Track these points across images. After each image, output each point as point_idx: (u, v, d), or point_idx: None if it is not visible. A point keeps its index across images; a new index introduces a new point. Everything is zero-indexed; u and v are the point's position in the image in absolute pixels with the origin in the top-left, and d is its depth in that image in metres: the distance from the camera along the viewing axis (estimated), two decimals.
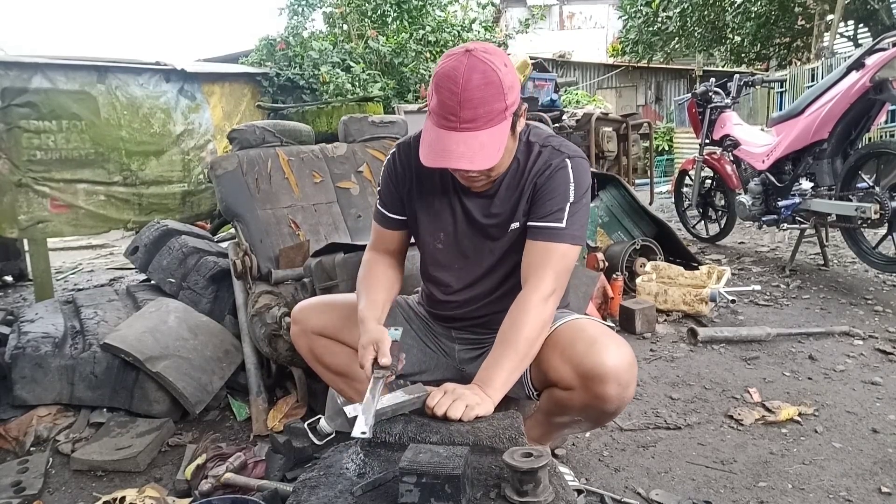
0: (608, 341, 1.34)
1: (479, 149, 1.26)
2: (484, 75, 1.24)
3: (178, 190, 4.20)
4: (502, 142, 1.30)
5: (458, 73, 1.24)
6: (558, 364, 1.37)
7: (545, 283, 1.37)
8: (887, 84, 3.06)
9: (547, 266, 1.39)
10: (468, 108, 1.24)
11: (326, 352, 1.64)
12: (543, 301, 1.37)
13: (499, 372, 1.31)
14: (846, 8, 10.13)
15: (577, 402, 1.38)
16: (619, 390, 1.32)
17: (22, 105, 3.57)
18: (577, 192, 1.41)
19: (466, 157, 1.26)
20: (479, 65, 1.25)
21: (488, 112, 1.26)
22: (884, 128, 6.90)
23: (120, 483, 1.86)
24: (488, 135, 1.27)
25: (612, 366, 1.30)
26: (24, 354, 2.23)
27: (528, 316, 1.35)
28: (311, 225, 2.76)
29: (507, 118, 1.30)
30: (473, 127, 1.26)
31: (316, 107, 4.55)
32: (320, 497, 1.12)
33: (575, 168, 1.42)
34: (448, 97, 1.26)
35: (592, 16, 22.79)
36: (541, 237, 1.41)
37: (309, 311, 1.67)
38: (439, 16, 7.04)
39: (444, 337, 1.68)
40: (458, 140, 1.26)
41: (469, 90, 1.24)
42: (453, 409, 1.23)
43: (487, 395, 1.29)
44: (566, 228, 1.40)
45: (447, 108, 1.26)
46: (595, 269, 3.08)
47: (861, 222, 3.23)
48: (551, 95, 5.62)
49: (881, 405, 2.11)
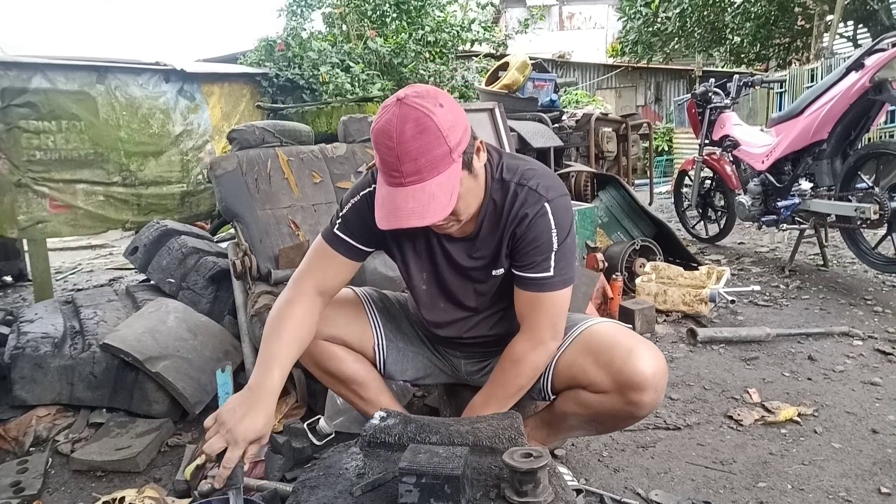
0: (645, 350, 1.35)
1: (428, 201, 1.18)
2: (416, 123, 1.16)
3: (176, 190, 4.20)
4: (454, 187, 1.21)
5: (391, 127, 1.17)
6: (592, 369, 1.38)
7: (540, 330, 1.38)
8: (887, 84, 3.06)
9: (541, 314, 1.38)
10: (407, 161, 1.17)
11: (330, 358, 1.59)
12: (537, 347, 1.39)
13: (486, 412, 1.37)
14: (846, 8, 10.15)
15: (607, 406, 1.38)
16: (655, 397, 1.35)
17: (21, 105, 3.57)
18: (560, 237, 1.35)
19: (417, 213, 1.18)
20: (410, 113, 1.16)
21: (430, 161, 1.17)
22: (883, 128, 6.90)
23: (119, 483, 1.86)
24: (436, 184, 1.18)
25: (651, 373, 1.33)
26: (24, 354, 2.23)
27: (521, 365, 1.39)
28: (311, 225, 2.76)
29: (455, 160, 1.21)
30: (418, 179, 1.18)
31: (315, 107, 4.55)
32: (320, 497, 1.12)
33: (555, 212, 1.34)
34: (386, 153, 1.18)
35: (592, 16, 22.81)
36: (530, 288, 1.37)
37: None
38: (438, 16, 7.04)
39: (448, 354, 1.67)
40: (405, 196, 1.19)
41: (404, 143, 1.16)
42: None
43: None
44: (554, 276, 1.36)
45: (389, 165, 1.19)
46: (595, 269, 3.08)
47: (860, 223, 3.23)
48: (551, 96, 5.62)
49: (881, 405, 2.11)
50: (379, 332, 1.62)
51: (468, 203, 1.31)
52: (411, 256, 1.49)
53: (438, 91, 1.24)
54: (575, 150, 5.27)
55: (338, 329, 1.57)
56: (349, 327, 1.58)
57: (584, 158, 5.24)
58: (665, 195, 7.81)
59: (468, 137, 1.25)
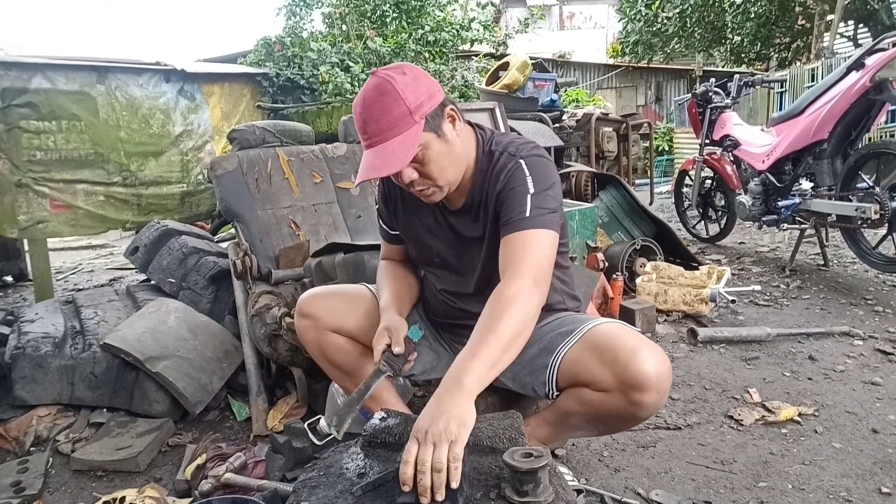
0: (650, 350, 1.35)
1: (388, 156, 1.31)
2: (377, 88, 1.31)
3: (176, 190, 4.20)
4: (413, 144, 1.32)
5: (360, 96, 1.35)
6: (596, 367, 1.38)
7: (523, 272, 1.30)
8: (887, 84, 3.06)
9: (521, 255, 1.33)
10: (370, 122, 1.32)
11: (336, 349, 1.62)
12: (524, 289, 1.28)
13: (476, 363, 1.17)
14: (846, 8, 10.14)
15: (609, 405, 1.38)
16: (657, 398, 1.35)
17: (22, 105, 3.58)
18: (536, 185, 1.38)
19: (377, 167, 1.32)
20: (374, 81, 1.33)
21: (391, 121, 1.31)
22: (884, 128, 6.89)
23: (120, 483, 1.86)
24: (397, 142, 1.31)
25: (655, 375, 1.32)
26: (24, 354, 2.23)
27: (508, 307, 1.25)
28: (311, 225, 2.76)
29: (417, 122, 1.32)
30: (382, 139, 1.32)
31: (316, 107, 4.55)
32: (320, 497, 1.12)
33: (529, 165, 1.40)
34: (357, 120, 1.36)
35: (592, 16, 22.79)
36: (507, 230, 1.36)
37: (319, 306, 1.64)
38: (438, 16, 7.04)
39: (451, 335, 1.69)
40: (373, 154, 1.33)
41: (367, 107, 1.32)
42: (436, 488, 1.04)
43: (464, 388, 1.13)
44: (530, 215, 1.35)
45: (360, 130, 1.35)
46: (595, 269, 3.08)
47: (861, 222, 3.23)
48: (551, 95, 5.62)
49: (881, 405, 2.11)
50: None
51: (441, 167, 1.39)
52: (419, 233, 1.59)
53: (410, 65, 1.39)
54: (575, 150, 5.26)
55: (345, 321, 1.62)
56: (356, 321, 1.62)
57: (584, 158, 5.24)
58: (665, 195, 7.81)
59: (434, 104, 1.36)
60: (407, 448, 1.08)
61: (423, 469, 1.04)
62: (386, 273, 1.68)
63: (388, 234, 1.69)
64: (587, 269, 3.02)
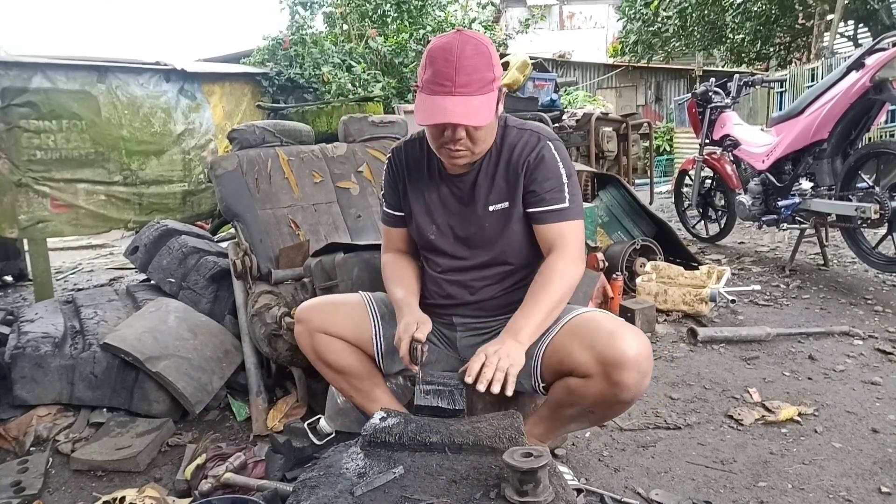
0: (628, 331, 1.40)
1: (473, 110, 1.38)
2: (476, 47, 1.38)
3: (178, 190, 4.19)
4: (492, 108, 1.41)
5: (452, 45, 1.38)
6: (577, 351, 1.41)
7: (570, 248, 1.50)
8: (887, 84, 3.06)
9: (567, 238, 1.51)
10: (463, 73, 1.36)
11: (328, 349, 1.66)
12: (570, 263, 1.49)
13: (528, 322, 1.42)
14: (846, 8, 10.13)
15: (593, 390, 1.40)
16: (638, 378, 1.37)
17: (22, 105, 3.57)
18: (567, 171, 1.54)
19: (462, 114, 1.37)
20: (470, 39, 1.39)
21: (481, 79, 1.38)
22: (884, 128, 6.89)
23: (120, 483, 1.86)
24: (480, 100, 1.39)
25: (634, 353, 1.35)
26: (24, 354, 2.23)
27: (555, 275, 1.46)
28: (311, 225, 2.76)
29: (495, 91, 1.42)
30: (467, 92, 1.37)
31: (316, 107, 4.55)
32: (320, 497, 1.12)
33: (558, 150, 1.55)
34: (443, 65, 1.37)
35: (592, 16, 22.78)
36: (550, 220, 1.52)
37: (312, 310, 1.69)
38: (439, 16, 7.03)
39: (445, 327, 1.70)
40: (454, 102, 1.37)
41: (464, 58, 1.37)
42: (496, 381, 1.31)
43: (519, 341, 1.39)
44: (570, 206, 1.52)
45: (443, 76, 1.37)
46: (595, 269, 3.08)
47: (861, 222, 3.23)
48: (551, 95, 5.62)
49: (881, 405, 2.11)
50: (378, 329, 1.67)
51: (486, 136, 1.49)
52: (421, 205, 1.65)
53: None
54: (575, 150, 5.27)
55: (335, 324, 1.65)
56: (347, 323, 1.66)
57: (584, 158, 5.24)
58: (665, 195, 7.81)
59: (500, 81, 1.47)
60: (474, 356, 1.36)
61: (490, 363, 1.32)
62: (394, 268, 1.71)
63: (393, 216, 1.72)
64: (587, 269, 3.02)
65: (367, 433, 1.28)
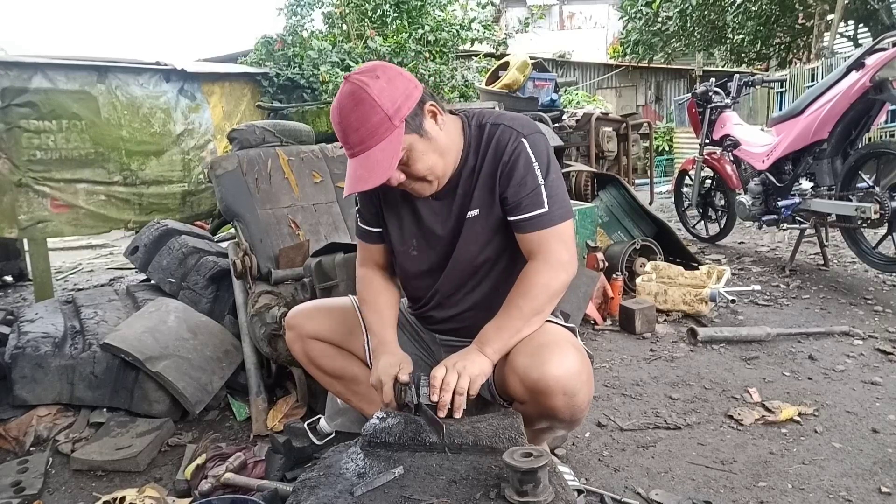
0: (550, 351, 1.29)
1: (373, 166, 1.29)
2: (352, 96, 1.27)
3: (178, 190, 4.20)
4: (396, 150, 1.29)
5: (336, 105, 1.31)
6: (510, 377, 1.35)
7: (551, 254, 1.37)
8: (887, 84, 3.06)
9: (547, 246, 1.37)
10: (350, 132, 1.29)
11: (321, 355, 1.65)
12: (550, 271, 1.36)
13: (497, 334, 1.34)
14: (846, 8, 10.13)
15: (533, 414, 1.35)
16: (566, 400, 1.28)
17: (22, 105, 3.57)
18: (542, 171, 1.38)
19: (364, 178, 1.29)
20: (348, 88, 1.29)
21: (370, 129, 1.27)
22: (884, 128, 6.90)
23: (120, 483, 1.86)
24: (380, 150, 1.28)
25: (554, 377, 1.26)
26: (24, 354, 2.23)
27: (533, 285, 1.35)
28: (311, 225, 2.76)
29: (397, 126, 1.28)
30: (364, 147, 1.28)
31: (316, 107, 4.55)
32: (320, 497, 1.12)
33: (532, 146, 1.39)
34: (336, 129, 1.32)
35: (592, 16, 22.79)
36: (531, 228, 1.38)
37: (301, 316, 1.68)
38: (439, 16, 7.03)
39: (430, 343, 1.69)
40: (357, 164, 1.31)
41: (345, 116, 1.29)
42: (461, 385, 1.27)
43: (485, 355, 1.33)
44: (549, 210, 1.37)
45: (342, 139, 1.32)
46: (595, 269, 3.08)
47: (861, 222, 3.23)
48: (551, 95, 5.62)
49: (881, 405, 2.11)
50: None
51: (429, 164, 1.36)
52: (398, 223, 1.55)
53: (383, 64, 1.35)
54: (575, 150, 5.27)
55: (327, 329, 1.64)
56: (336, 328, 1.65)
57: (584, 158, 5.24)
58: (665, 195, 7.80)
59: (412, 104, 1.31)
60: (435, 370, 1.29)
61: (447, 388, 1.26)
62: (369, 289, 1.60)
63: (370, 233, 1.61)
64: (587, 269, 3.02)
65: (367, 433, 1.28)
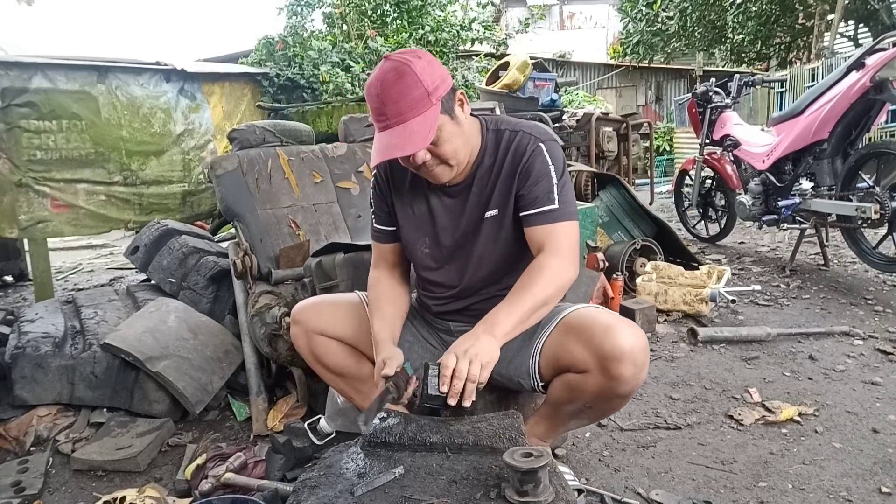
0: (624, 325, 1.38)
1: (409, 136, 1.34)
2: (396, 70, 1.34)
3: (178, 190, 4.20)
4: (432, 125, 1.36)
5: (376, 79, 1.36)
6: (575, 347, 1.41)
7: (560, 249, 1.43)
8: (887, 84, 3.06)
9: (557, 239, 1.45)
10: (390, 103, 1.34)
11: (326, 351, 1.65)
12: (560, 263, 1.42)
13: (507, 318, 1.36)
14: (847, 7, 10.13)
15: (591, 385, 1.40)
16: (635, 371, 1.36)
17: (22, 105, 3.58)
18: (557, 174, 1.48)
19: (399, 146, 1.35)
20: (391, 64, 1.35)
21: (410, 102, 1.33)
22: (884, 128, 6.89)
23: (120, 483, 1.86)
24: (417, 122, 1.34)
25: (630, 346, 1.34)
26: (24, 354, 2.23)
27: (544, 274, 1.40)
28: (311, 225, 2.76)
29: (434, 103, 1.36)
30: (401, 119, 1.34)
31: (316, 107, 4.55)
32: (320, 497, 1.12)
33: (549, 151, 1.49)
34: (373, 102, 1.37)
35: (592, 16, 22.78)
36: (540, 222, 1.46)
37: (308, 311, 1.68)
38: (439, 16, 7.04)
39: (444, 332, 1.70)
40: (391, 135, 1.36)
41: (386, 88, 1.34)
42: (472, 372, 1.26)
43: (495, 337, 1.33)
44: (559, 207, 1.46)
45: (377, 112, 1.37)
46: (595, 269, 3.08)
47: (861, 222, 3.22)
48: (551, 95, 5.62)
49: (881, 405, 2.11)
50: None
51: (455, 148, 1.43)
52: (411, 220, 1.60)
53: (422, 50, 1.43)
54: (575, 150, 5.26)
55: (333, 325, 1.65)
56: (344, 324, 1.65)
57: (584, 158, 5.24)
58: (666, 195, 7.80)
59: (447, 87, 1.40)
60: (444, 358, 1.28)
61: (459, 376, 1.25)
62: (375, 293, 1.63)
63: (384, 232, 1.66)
64: (587, 269, 3.02)
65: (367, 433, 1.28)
